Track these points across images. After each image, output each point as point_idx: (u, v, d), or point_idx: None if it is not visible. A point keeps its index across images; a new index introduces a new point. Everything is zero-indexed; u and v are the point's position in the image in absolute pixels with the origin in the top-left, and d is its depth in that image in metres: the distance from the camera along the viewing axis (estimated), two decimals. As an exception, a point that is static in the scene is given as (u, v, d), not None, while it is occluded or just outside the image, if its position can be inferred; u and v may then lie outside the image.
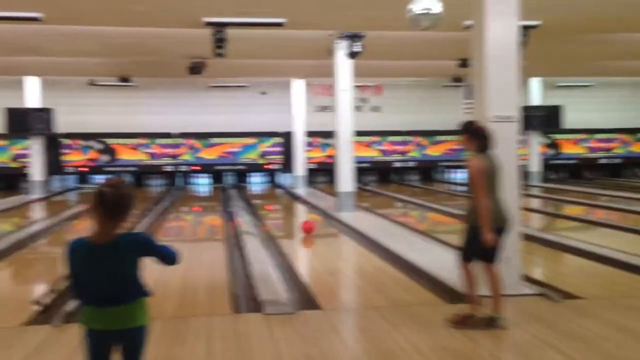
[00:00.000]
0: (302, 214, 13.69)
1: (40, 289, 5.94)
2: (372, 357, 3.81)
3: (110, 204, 2.39)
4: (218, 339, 4.18)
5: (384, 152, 20.31)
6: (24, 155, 17.87)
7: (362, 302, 5.30)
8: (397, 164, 20.44)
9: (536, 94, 19.50)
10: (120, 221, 2.47)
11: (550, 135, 20.46)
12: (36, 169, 17.17)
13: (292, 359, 3.79)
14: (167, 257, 2.62)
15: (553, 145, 20.86)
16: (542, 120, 18.75)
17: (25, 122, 16.29)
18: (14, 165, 18.38)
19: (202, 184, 19.68)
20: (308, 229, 9.45)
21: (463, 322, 4.33)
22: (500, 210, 4.36)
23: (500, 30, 5.30)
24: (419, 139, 20.44)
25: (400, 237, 8.76)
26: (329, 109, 18.83)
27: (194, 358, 3.83)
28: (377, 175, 20.62)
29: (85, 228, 11.45)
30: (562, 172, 21.10)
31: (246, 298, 5.64)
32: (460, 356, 3.85)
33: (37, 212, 14.06)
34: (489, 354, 3.90)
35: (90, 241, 2.44)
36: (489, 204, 4.22)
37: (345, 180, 11.80)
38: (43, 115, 16.53)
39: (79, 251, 2.45)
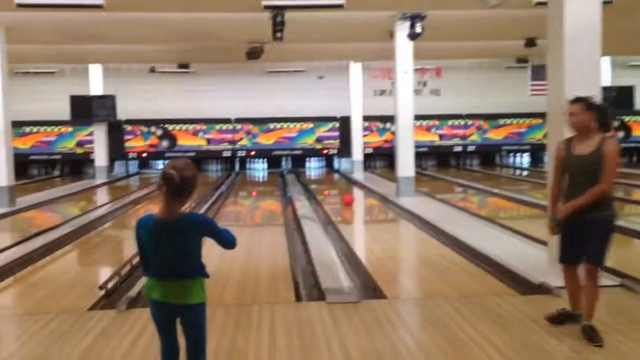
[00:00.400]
0: (360, 198, 13.52)
1: (105, 273, 6.00)
2: (444, 352, 3.62)
3: (175, 185, 2.52)
4: (281, 328, 4.08)
5: (443, 137, 19.85)
6: (88, 142, 18.37)
7: (428, 291, 5.09)
8: (457, 148, 19.95)
9: (606, 73, 18.57)
10: (183, 201, 2.60)
11: (621, 117, 19.49)
12: (100, 155, 17.62)
13: (359, 351, 3.63)
14: (226, 240, 2.72)
15: (623, 127, 19.88)
16: (613, 101, 17.85)
17: (89, 109, 16.70)
18: (79, 151, 18.93)
19: (260, 169, 19.77)
20: (348, 202, 10.76)
21: (558, 321, 4.00)
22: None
23: (583, 6, 4.93)
24: (480, 123, 19.85)
25: (464, 223, 8.46)
26: (387, 92, 18.57)
27: (257, 349, 3.73)
28: (435, 160, 20.23)
29: (147, 212, 11.64)
30: (633, 155, 20.12)
31: (308, 285, 5.54)
32: (543, 355, 3.60)
33: (101, 197, 14.41)
34: (578, 355, 3.61)
35: (156, 218, 2.60)
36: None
37: (405, 165, 11.53)
38: (106, 102, 16.90)
39: (145, 226, 2.61)
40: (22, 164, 17.59)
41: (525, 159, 20.75)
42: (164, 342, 2.70)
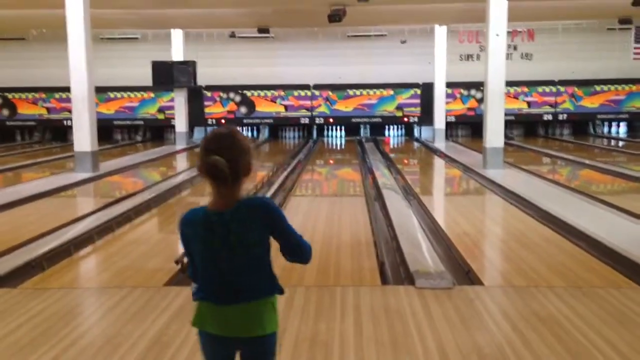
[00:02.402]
0: (441, 168, 12.91)
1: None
2: (557, 354, 3.13)
3: (223, 172, 1.81)
4: (367, 316, 3.71)
5: (532, 104, 18.71)
6: (169, 108, 18.55)
7: (531, 278, 4.56)
8: (547, 117, 18.76)
9: None
10: (238, 183, 1.88)
11: None
12: (180, 121, 17.76)
13: (457, 348, 3.21)
14: (299, 245, 1.96)
15: None
16: None
17: (170, 75, 16.78)
18: (160, 117, 19.18)
19: (337, 137, 19.40)
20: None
21: None
22: None
23: None
24: (574, 89, 18.54)
25: (559, 199, 7.77)
26: (474, 57, 17.57)
27: (342, 339, 3.38)
28: (522, 129, 19.16)
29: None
30: None
31: (394, 263, 5.14)
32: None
33: (181, 163, 14.50)
34: None
35: (208, 210, 1.89)
36: None
37: (494, 134, 10.80)
38: (186, 68, 16.91)
39: (193, 223, 1.90)
40: (106, 129, 18.01)
41: (622, 129, 19.29)
42: None
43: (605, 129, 19.21)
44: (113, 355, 3.19)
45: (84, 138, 10.78)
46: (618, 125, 19.23)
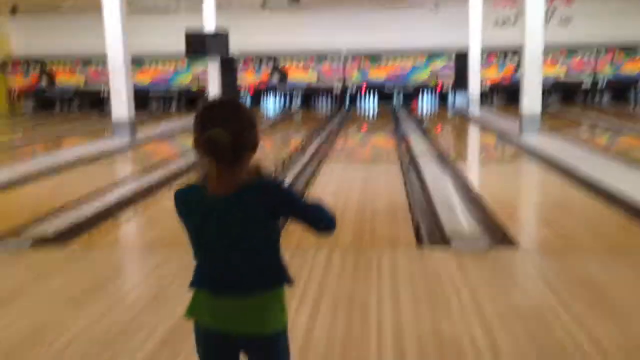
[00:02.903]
0: (476, 135, 12.78)
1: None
2: (593, 310, 3.14)
3: (219, 143, 1.49)
4: (404, 277, 3.76)
5: (571, 70, 18.25)
6: (202, 77, 18.66)
7: (570, 243, 4.54)
8: (586, 84, 18.30)
9: None
10: (241, 161, 1.56)
11: None
12: (213, 91, 17.87)
13: (496, 311, 3.23)
14: (319, 218, 1.62)
15: None
16: None
17: (202, 45, 16.83)
18: (194, 87, 19.32)
19: (370, 105, 19.29)
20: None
21: None
22: None
23: None
24: (615, 54, 18.01)
25: (599, 165, 7.64)
26: (510, 22, 17.19)
27: (379, 299, 3.43)
28: (560, 96, 18.73)
29: (262, 147, 11.67)
30: None
31: (429, 225, 5.16)
32: None
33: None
34: None
35: (207, 192, 1.57)
36: None
37: (531, 101, 10.62)
38: (219, 38, 16.93)
39: (188, 203, 1.61)
40: (142, 99, 18.24)
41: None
42: None
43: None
44: (159, 311, 3.31)
45: (121, 107, 10.97)
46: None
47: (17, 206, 6.34)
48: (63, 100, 19.98)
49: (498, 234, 4.81)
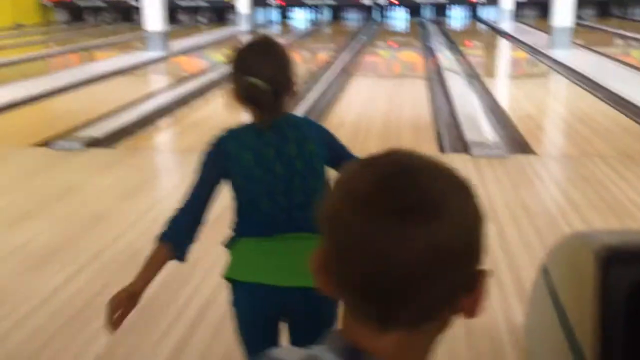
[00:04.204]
0: (506, 50, 12.70)
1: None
2: (601, 213, 3.45)
3: (260, 97, 1.42)
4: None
5: (609, -18, 17.60)
6: (231, -12, 18.47)
7: (584, 149, 4.78)
8: (624, -4, 17.69)
9: None
10: (281, 104, 1.47)
11: None
12: (243, 2, 17.73)
13: (505, 205, 3.57)
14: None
15: None
16: None
17: (231, -46, 16.59)
18: (223, -3, 19.17)
19: (400, 18, 19.00)
20: None
21: None
22: None
23: None
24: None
25: (626, 79, 7.71)
26: None
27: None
28: (595, 9, 18.16)
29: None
30: None
31: (451, 137, 5.43)
32: None
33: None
34: None
35: (257, 126, 1.48)
36: None
37: (562, 13, 10.47)
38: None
39: (238, 136, 1.50)
40: (170, 11, 18.21)
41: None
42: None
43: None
44: (203, 203, 3.71)
45: (154, 18, 11.13)
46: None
47: (63, 112, 6.74)
48: (93, 11, 20.07)
49: (518, 144, 5.06)
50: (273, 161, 1.44)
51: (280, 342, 1.51)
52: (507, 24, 16.15)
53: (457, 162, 4.38)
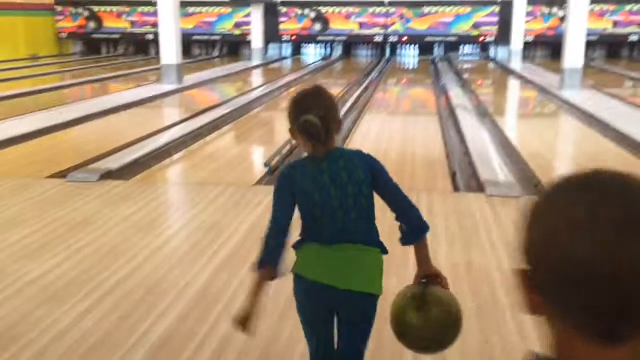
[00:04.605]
0: (516, 89, 12.80)
1: (266, 152, 6.31)
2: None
3: (315, 132, 1.72)
4: (440, 215, 4.09)
5: (618, 24, 17.82)
6: (245, 23, 18.84)
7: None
8: (633, 37, 17.88)
9: None
10: (331, 139, 1.77)
11: None
12: (256, 37, 18.05)
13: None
14: (410, 204, 1.80)
15: None
16: None
17: (246, -9, 16.95)
18: (236, 32, 19.52)
19: (411, 56, 19.24)
20: None
21: None
22: None
23: None
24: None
25: (636, 121, 7.73)
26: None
27: (417, 233, 3.78)
28: (605, 50, 18.34)
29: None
30: None
31: (465, 175, 5.45)
32: None
33: (257, 79, 14.94)
34: None
35: (312, 158, 1.78)
36: None
37: (574, 54, 10.58)
38: (263, -17, 17.00)
39: (298, 167, 1.81)
40: (186, 44, 18.52)
41: None
42: (322, 346, 1.85)
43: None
44: (218, 239, 3.72)
45: (170, 51, 11.32)
46: None
47: (79, 144, 6.84)
48: (109, 44, 20.44)
49: (531, 184, 5.07)
50: (329, 186, 1.74)
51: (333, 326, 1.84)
52: (516, 64, 16.33)
53: (473, 202, 4.39)
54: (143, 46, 19.89)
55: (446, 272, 3.17)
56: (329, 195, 1.74)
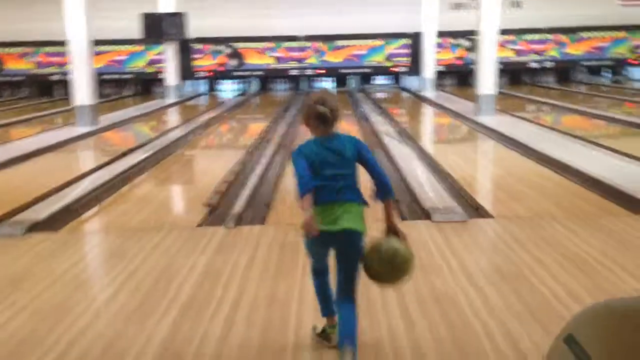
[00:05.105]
0: (435, 116, 13.24)
1: (199, 191, 6.08)
2: (570, 272, 3.53)
3: (326, 118, 2.51)
4: (394, 245, 4.06)
5: (519, 52, 18.95)
6: (158, 61, 18.49)
7: (535, 210, 4.96)
8: (533, 65, 19.06)
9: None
10: (335, 125, 2.56)
11: None
12: (170, 74, 17.73)
13: (480, 269, 3.59)
14: (384, 174, 2.56)
15: None
16: None
17: (159, 28, 16.67)
18: (149, 70, 19.10)
19: (328, 88, 19.52)
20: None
21: None
22: None
23: None
24: (560, 37, 18.79)
25: (553, 141, 8.18)
26: (464, 6, 17.68)
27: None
28: (507, 77, 19.41)
29: (224, 133, 11.75)
30: None
31: (407, 203, 5.49)
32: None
33: (175, 117, 14.61)
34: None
35: (319, 138, 2.56)
36: None
37: (486, 82, 11.12)
38: (176, 20, 16.80)
39: (311, 145, 2.55)
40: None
41: (606, 75, 19.71)
42: (322, 261, 2.65)
43: (591, 76, 19.55)
44: (171, 286, 3.50)
45: (84, 91, 10.87)
46: (603, 72, 19.61)
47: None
48: (12, 86, 19.42)
49: (471, 207, 5.18)
50: (328, 157, 2.50)
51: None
52: (430, 92, 16.94)
53: (422, 229, 4.41)
54: (48, 87, 19.03)
55: (414, 304, 3.16)
56: (328, 164, 2.49)
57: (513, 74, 19.41)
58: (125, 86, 19.66)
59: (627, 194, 5.11)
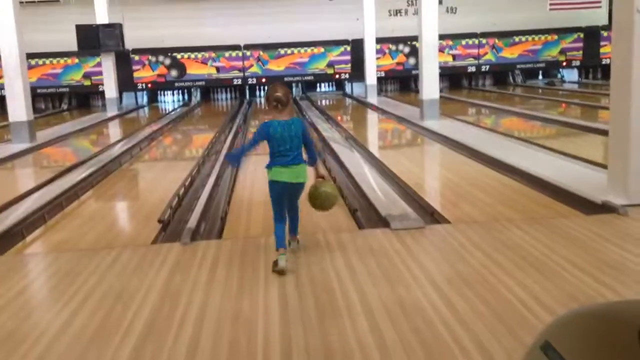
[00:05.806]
0: (380, 122, 13.38)
1: (150, 208, 5.92)
2: (528, 274, 3.60)
3: (284, 102, 3.85)
4: (354, 256, 4.04)
5: (457, 57, 19.43)
6: (95, 73, 17.98)
7: (490, 214, 5.05)
8: (471, 69, 19.58)
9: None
10: (289, 108, 3.90)
11: None
12: (109, 87, 17.27)
13: (442, 276, 3.61)
14: (315, 150, 4.10)
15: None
16: None
17: (95, 39, 16.23)
18: (86, 83, 18.55)
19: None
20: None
21: None
22: None
23: None
24: (495, 41, 19.39)
25: (498, 144, 8.37)
26: (403, 12, 17.96)
27: (338, 276, 3.70)
28: (447, 82, 19.88)
29: (170, 145, 11.49)
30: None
31: (363, 211, 5.49)
32: (627, 273, 3.59)
33: (116, 131, 14.22)
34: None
35: (281, 121, 3.84)
36: None
37: (430, 87, 11.31)
38: (113, 31, 16.40)
39: (275, 126, 3.81)
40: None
41: (540, 77, 20.46)
42: (282, 210, 3.93)
43: (525, 78, 20.22)
44: (130, 308, 3.37)
45: (19, 107, 10.43)
46: (537, 74, 20.35)
47: None
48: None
49: (427, 213, 5.22)
50: (285, 133, 3.80)
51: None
52: (373, 98, 17.12)
53: (381, 237, 4.41)
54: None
55: (380, 314, 3.15)
56: (285, 139, 3.81)
57: (452, 78, 19.89)
58: (60, 100, 19.02)
59: (575, 195, 5.27)
